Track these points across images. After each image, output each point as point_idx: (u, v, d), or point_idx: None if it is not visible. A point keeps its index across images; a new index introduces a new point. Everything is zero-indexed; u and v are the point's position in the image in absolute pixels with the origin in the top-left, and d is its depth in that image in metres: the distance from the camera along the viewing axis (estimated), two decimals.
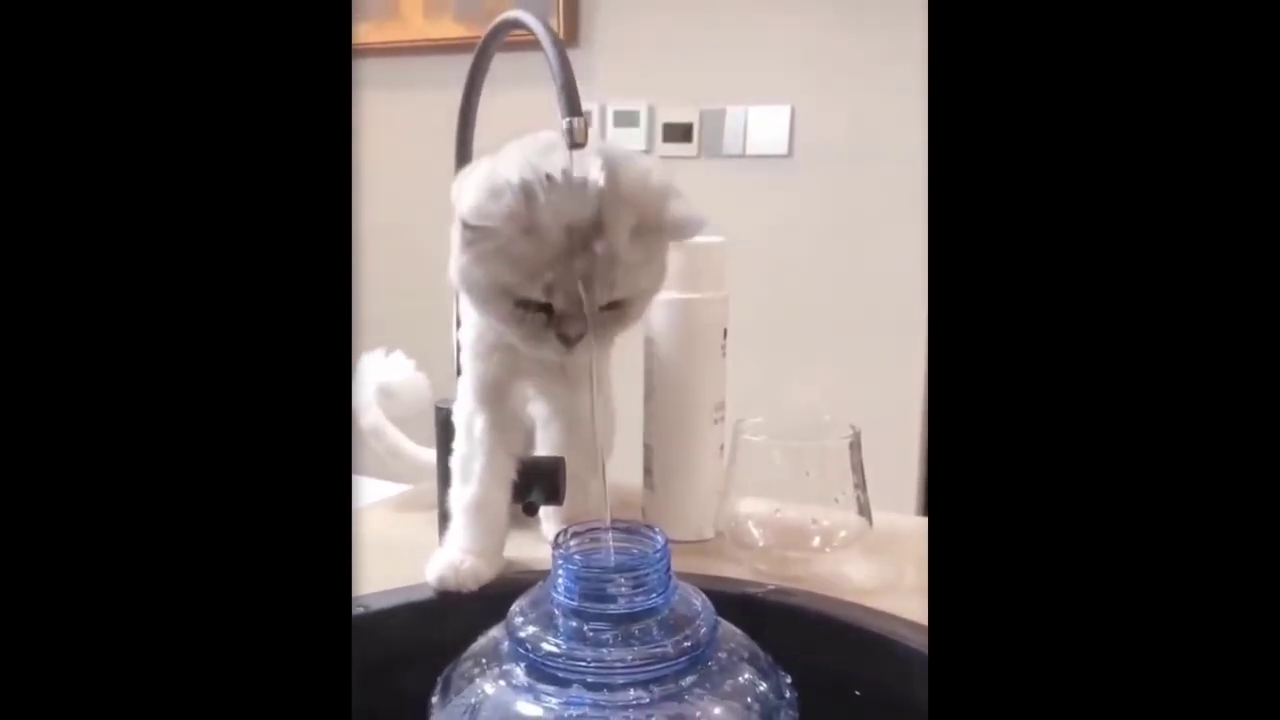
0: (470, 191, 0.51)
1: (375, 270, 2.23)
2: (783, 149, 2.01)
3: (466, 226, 0.51)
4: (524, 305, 0.52)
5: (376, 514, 0.77)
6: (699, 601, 0.42)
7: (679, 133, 2.09)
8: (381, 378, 0.78)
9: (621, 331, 0.56)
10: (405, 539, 0.69)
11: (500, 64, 0.63)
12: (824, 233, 1.98)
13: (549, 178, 0.50)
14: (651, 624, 0.41)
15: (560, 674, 0.39)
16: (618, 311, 0.53)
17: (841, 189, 1.95)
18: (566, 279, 0.50)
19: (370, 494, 0.80)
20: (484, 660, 0.42)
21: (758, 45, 2.00)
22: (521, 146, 0.53)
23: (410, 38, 2.31)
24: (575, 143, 0.48)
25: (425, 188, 1.61)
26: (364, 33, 2.33)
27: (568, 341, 0.53)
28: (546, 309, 0.52)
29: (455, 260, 0.54)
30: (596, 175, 0.49)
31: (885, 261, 1.88)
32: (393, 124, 2.28)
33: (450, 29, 2.24)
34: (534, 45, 0.51)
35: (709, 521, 0.68)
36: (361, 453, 0.83)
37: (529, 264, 0.51)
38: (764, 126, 2.02)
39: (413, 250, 1.84)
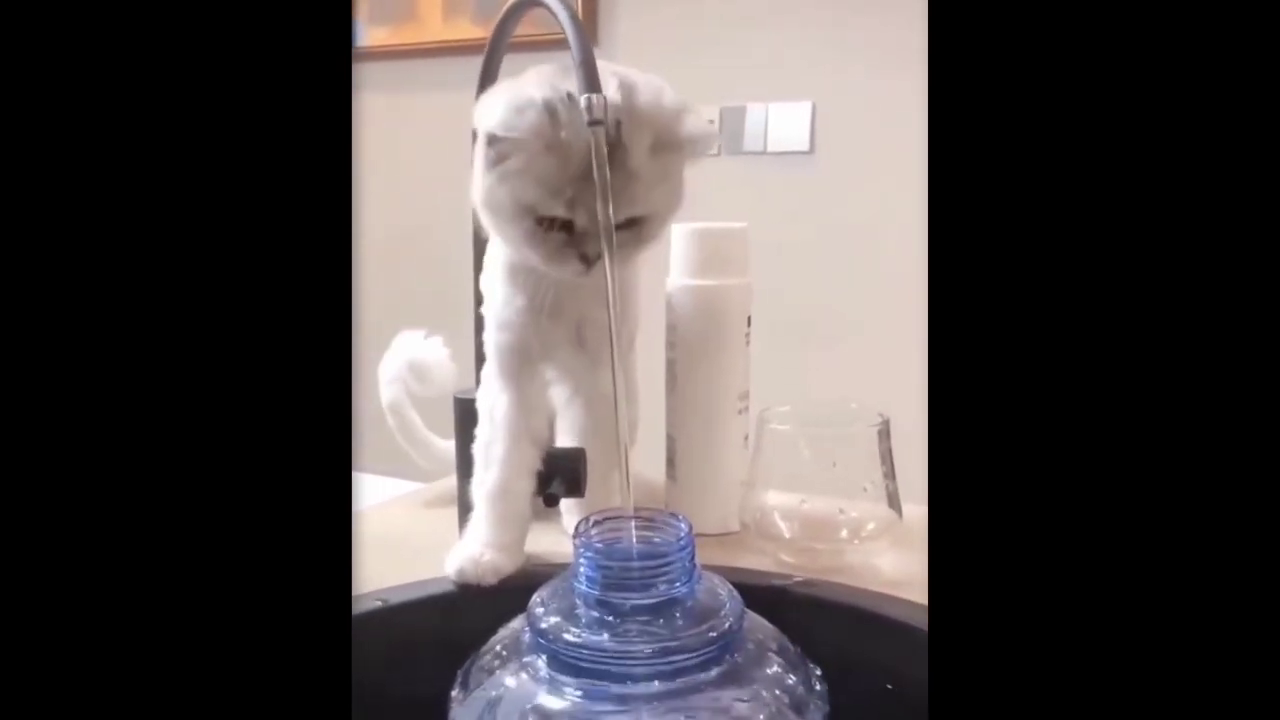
0: (495, 108, 0.52)
1: (388, 273, 2.23)
2: (804, 145, 2.00)
3: (493, 142, 0.53)
4: (545, 224, 0.54)
5: (395, 510, 0.76)
6: (725, 592, 0.41)
7: None
8: (415, 354, 0.77)
9: (638, 252, 0.57)
10: (425, 536, 0.68)
11: (516, 64, 0.62)
12: (847, 228, 1.96)
13: (570, 96, 0.51)
14: (676, 614, 0.39)
15: (582, 665, 0.38)
16: (635, 230, 0.55)
17: (863, 185, 1.94)
18: (587, 195, 0.51)
19: (389, 491, 0.79)
20: (504, 652, 0.41)
21: (778, 42, 1.98)
22: (539, 71, 0.55)
23: (429, 40, 2.31)
24: (594, 119, 0.47)
25: (446, 190, 1.60)
26: (382, 36, 2.34)
27: (587, 261, 0.54)
28: (567, 227, 0.54)
29: (478, 182, 0.55)
30: (614, 94, 0.51)
31: (908, 256, 1.86)
32: (411, 127, 2.28)
33: (469, 30, 2.24)
34: (549, 44, 0.52)
35: (734, 513, 0.66)
36: (380, 451, 0.83)
37: (551, 181, 0.52)
38: (785, 123, 2.00)
39: (432, 253, 1.84)
